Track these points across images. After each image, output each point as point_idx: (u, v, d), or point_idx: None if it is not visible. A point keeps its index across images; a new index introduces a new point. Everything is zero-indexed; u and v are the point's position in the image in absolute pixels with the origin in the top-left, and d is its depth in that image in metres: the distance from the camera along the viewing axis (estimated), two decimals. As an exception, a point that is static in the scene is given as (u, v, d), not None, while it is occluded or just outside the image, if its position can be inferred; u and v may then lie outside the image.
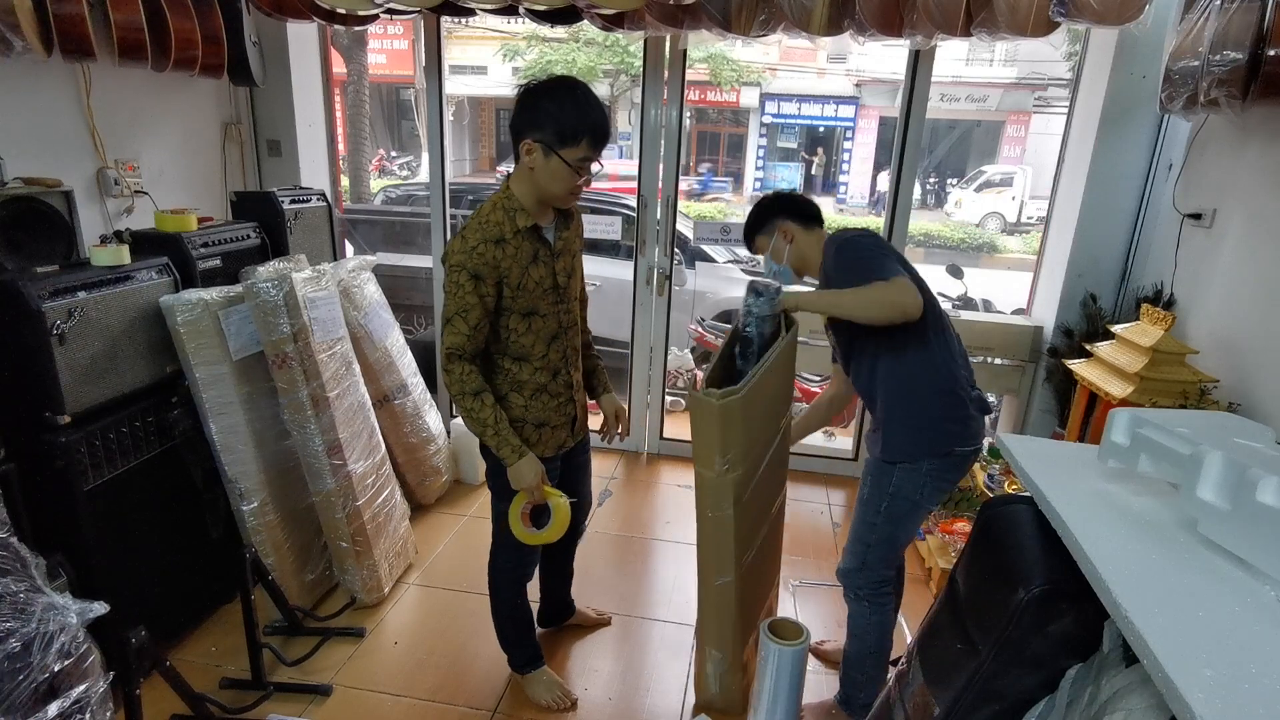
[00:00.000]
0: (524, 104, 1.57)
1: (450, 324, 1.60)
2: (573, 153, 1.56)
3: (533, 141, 1.55)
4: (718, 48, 13.22)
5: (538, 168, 1.58)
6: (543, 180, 1.59)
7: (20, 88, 2.31)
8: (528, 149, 1.56)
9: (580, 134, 1.55)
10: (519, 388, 1.75)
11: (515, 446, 1.68)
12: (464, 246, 1.58)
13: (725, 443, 1.59)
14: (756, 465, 1.76)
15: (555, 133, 1.54)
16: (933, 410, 1.72)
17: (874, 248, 1.71)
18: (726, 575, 1.81)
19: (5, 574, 1.33)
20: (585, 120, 1.55)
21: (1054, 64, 12.87)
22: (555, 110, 1.54)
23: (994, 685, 1.10)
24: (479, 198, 6.28)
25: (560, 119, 1.54)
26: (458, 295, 1.58)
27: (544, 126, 1.54)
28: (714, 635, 1.93)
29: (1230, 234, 2.32)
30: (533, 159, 1.57)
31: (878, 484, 1.80)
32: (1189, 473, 0.99)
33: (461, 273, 1.57)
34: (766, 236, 1.90)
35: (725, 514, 1.68)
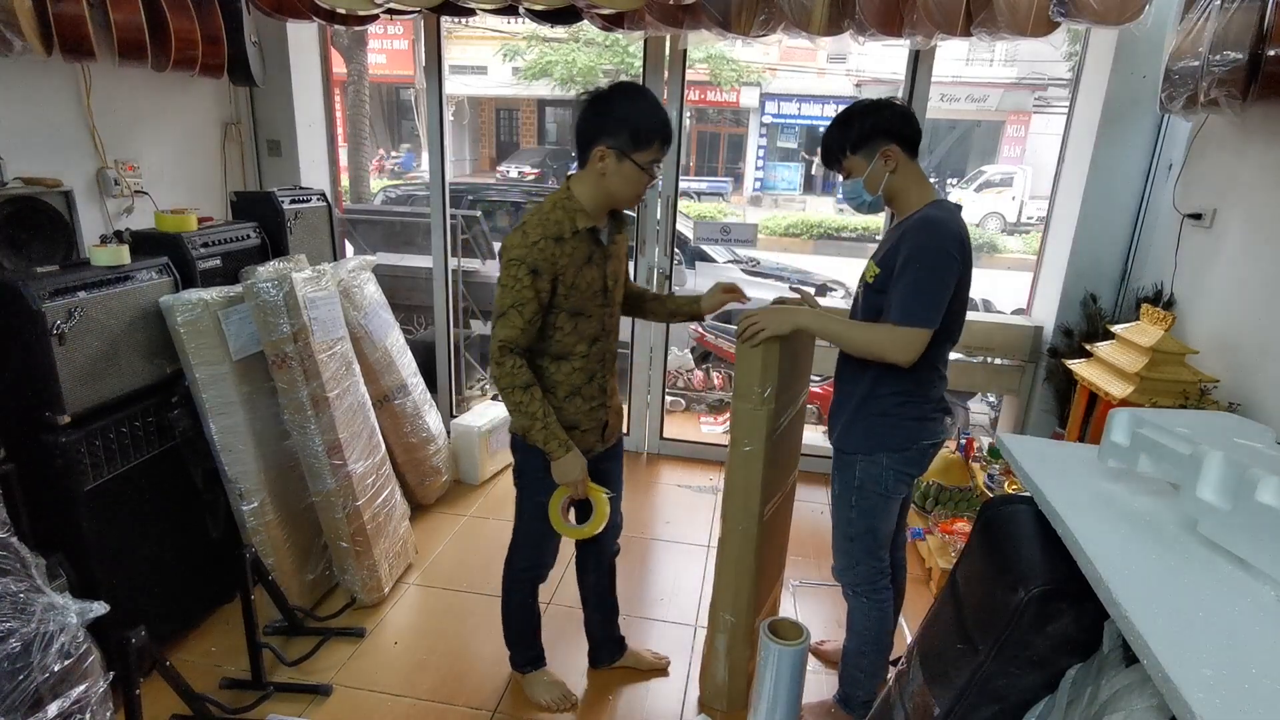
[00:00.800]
0: (594, 111, 1.59)
1: (505, 317, 1.60)
2: (645, 155, 1.59)
3: (606, 148, 1.58)
4: (718, 48, 13.22)
5: (610, 173, 1.60)
6: (614, 184, 1.62)
7: (20, 87, 2.31)
8: (600, 155, 1.58)
9: (653, 137, 1.58)
10: (554, 388, 1.74)
11: (562, 440, 1.68)
12: (525, 241, 1.58)
13: (765, 375, 1.75)
14: (783, 411, 1.91)
15: (629, 137, 1.57)
16: (891, 410, 1.72)
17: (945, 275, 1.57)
18: (750, 522, 1.89)
19: (5, 574, 1.32)
20: (656, 123, 1.58)
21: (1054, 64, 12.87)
22: (627, 115, 1.57)
23: (994, 685, 1.10)
24: (479, 198, 6.30)
25: (633, 123, 1.57)
26: (515, 289, 1.58)
27: (617, 132, 1.57)
28: (729, 595, 1.96)
29: (1230, 234, 2.32)
30: (605, 165, 1.59)
31: (842, 479, 1.82)
32: (1189, 473, 0.99)
33: (521, 266, 1.57)
34: (864, 159, 1.66)
35: (758, 448, 1.82)
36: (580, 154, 1.63)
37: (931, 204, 1.64)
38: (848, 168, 1.69)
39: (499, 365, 1.63)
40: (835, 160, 1.71)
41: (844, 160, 1.68)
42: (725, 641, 2.01)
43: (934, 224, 1.59)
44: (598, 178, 1.61)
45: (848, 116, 1.67)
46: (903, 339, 1.57)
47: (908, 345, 1.56)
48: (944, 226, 1.58)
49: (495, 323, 1.62)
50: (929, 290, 1.56)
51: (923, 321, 1.56)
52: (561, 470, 1.70)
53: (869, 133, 1.64)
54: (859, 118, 1.65)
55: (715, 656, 2.04)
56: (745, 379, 1.79)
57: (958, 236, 1.59)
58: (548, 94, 15.66)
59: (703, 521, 3.05)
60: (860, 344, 1.64)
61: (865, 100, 1.68)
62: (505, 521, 2.99)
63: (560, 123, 18.70)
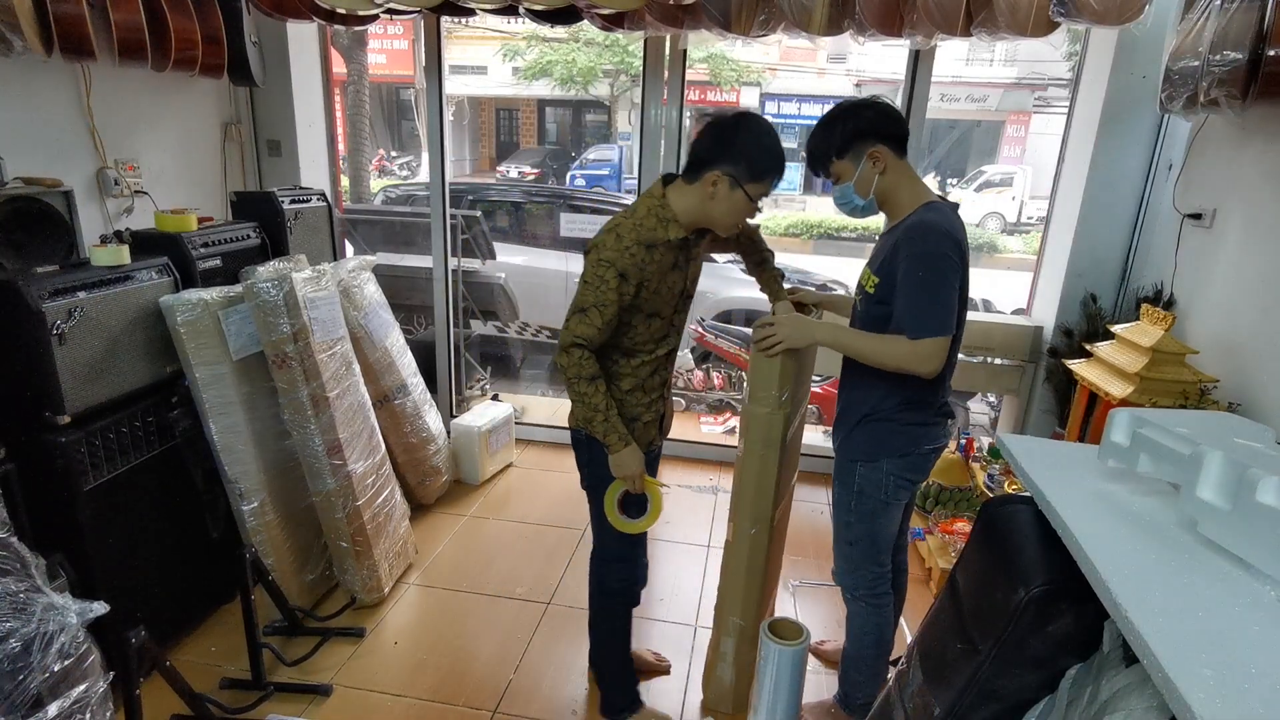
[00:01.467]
0: (718, 137, 1.59)
1: (585, 314, 1.61)
2: (757, 188, 1.60)
3: (721, 174, 1.58)
4: (718, 48, 13.22)
5: (719, 198, 1.60)
6: (719, 210, 1.62)
7: (20, 87, 2.31)
8: (714, 180, 1.58)
9: (770, 173, 1.60)
10: (618, 379, 1.74)
11: (623, 434, 1.68)
12: (618, 245, 1.59)
13: (783, 380, 1.77)
14: (793, 417, 1.91)
15: (748, 169, 1.58)
16: (893, 415, 1.71)
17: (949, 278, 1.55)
18: (761, 524, 1.88)
19: (5, 574, 1.32)
20: (776, 160, 1.60)
21: (1054, 64, 12.86)
22: (751, 148, 1.58)
23: (994, 685, 1.10)
24: (479, 198, 6.29)
25: (755, 156, 1.58)
26: (600, 289, 1.59)
27: (738, 161, 1.57)
28: (738, 599, 1.96)
29: (1230, 234, 2.32)
30: (717, 189, 1.59)
31: (843, 483, 1.80)
32: (1189, 473, 0.99)
33: (610, 269, 1.58)
34: (851, 162, 1.64)
35: (773, 451, 1.82)
36: (690, 170, 1.62)
37: (924, 206, 1.61)
38: (835, 172, 1.66)
39: (567, 355, 1.63)
40: (822, 165, 1.68)
41: (830, 165, 1.66)
42: (733, 645, 2.00)
43: (928, 228, 1.56)
44: (704, 199, 1.61)
45: (830, 119, 1.65)
46: (925, 351, 1.55)
47: (930, 356, 1.55)
48: (937, 230, 1.56)
49: (573, 317, 1.62)
50: (936, 297, 1.55)
51: (938, 330, 1.54)
52: (619, 463, 1.70)
53: (853, 135, 1.61)
54: (841, 120, 1.63)
55: (721, 659, 2.03)
56: (762, 383, 1.79)
57: (953, 238, 1.56)
58: (548, 94, 15.66)
59: (703, 522, 3.05)
60: (882, 358, 1.61)
61: (847, 101, 1.65)
62: (505, 521, 3.02)
63: (560, 123, 18.69)
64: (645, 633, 2.39)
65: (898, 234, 1.61)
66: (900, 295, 1.57)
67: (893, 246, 1.60)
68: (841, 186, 1.68)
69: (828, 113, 1.67)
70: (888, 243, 1.64)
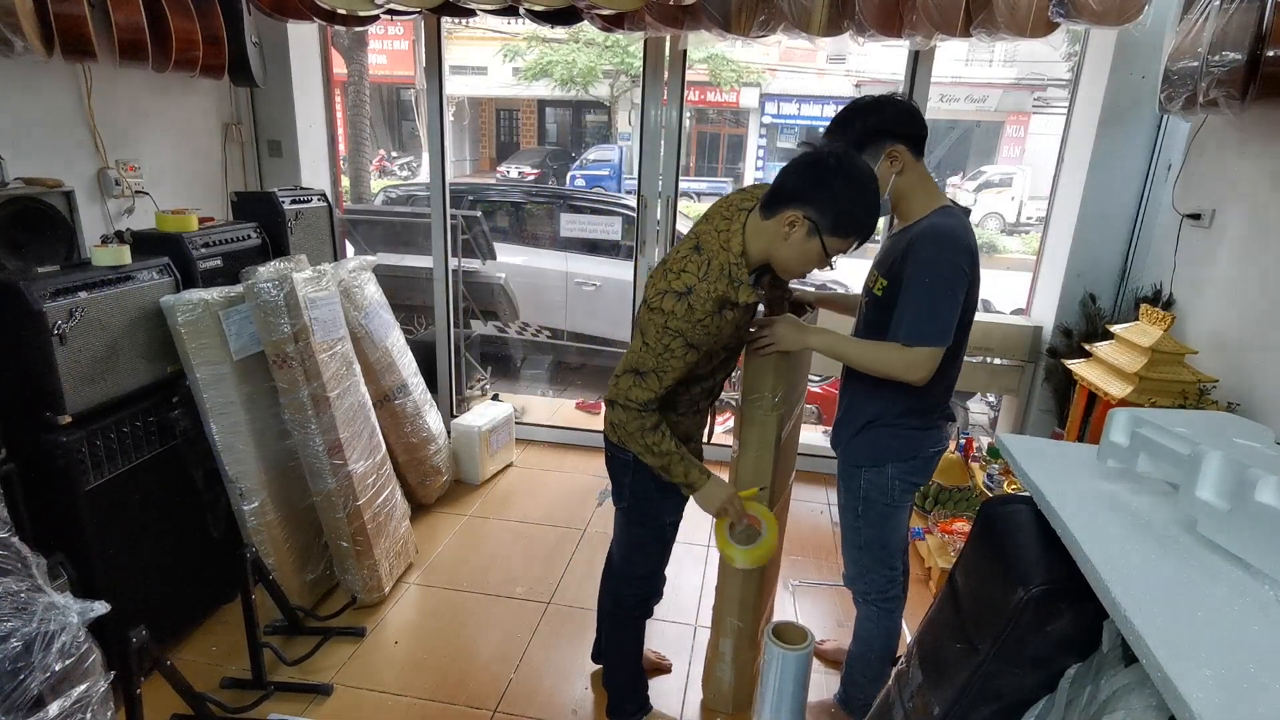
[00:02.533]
0: (811, 173, 1.41)
1: (643, 378, 1.48)
2: (836, 243, 1.43)
3: (803, 216, 1.41)
4: (718, 48, 13.22)
5: (794, 241, 1.43)
6: (790, 255, 1.46)
7: (21, 88, 2.31)
8: (792, 220, 1.41)
9: (854, 232, 1.43)
10: (675, 404, 1.66)
11: (701, 468, 1.59)
12: (690, 317, 1.44)
13: (777, 380, 1.76)
14: (789, 415, 1.90)
15: (835, 219, 1.40)
16: (895, 420, 1.70)
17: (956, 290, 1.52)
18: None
19: (6, 574, 1.33)
20: (868, 216, 1.42)
21: (1053, 64, 12.87)
22: (845, 197, 1.40)
23: (993, 685, 1.10)
24: (479, 198, 6.29)
25: (847, 208, 1.40)
26: (664, 356, 1.46)
27: (824, 208, 1.40)
28: (735, 600, 1.96)
29: (1229, 234, 2.32)
30: (793, 231, 1.42)
31: (848, 489, 1.79)
32: (1188, 473, 0.99)
33: (677, 339, 1.45)
34: (870, 160, 1.54)
35: (768, 452, 1.81)
36: (770, 203, 1.45)
37: (940, 210, 1.58)
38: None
39: (624, 410, 1.51)
40: None
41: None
42: (731, 645, 2.00)
43: (945, 235, 1.52)
44: (776, 238, 1.45)
45: (849, 115, 1.58)
46: (915, 359, 1.52)
47: (921, 364, 1.52)
48: (954, 237, 1.52)
49: (627, 376, 1.50)
50: (940, 307, 1.51)
51: (934, 340, 1.52)
52: (707, 499, 1.61)
53: (872, 132, 1.55)
54: (861, 116, 1.56)
55: (720, 660, 2.04)
56: (756, 384, 1.79)
57: (968, 249, 1.54)
58: (548, 94, 15.66)
59: (703, 521, 3.04)
60: (872, 365, 1.59)
61: (866, 97, 1.59)
62: (505, 521, 3.02)
63: (560, 123, 18.69)
64: (646, 632, 2.39)
65: (910, 237, 1.57)
66: (903, 300, 1.54)
67: (904, 250, 1.56)
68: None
69: (847, 107, 1.60)
70: (898, 245, 1.60)
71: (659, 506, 1.72)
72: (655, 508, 1.72)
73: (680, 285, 1.45)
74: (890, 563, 1.82)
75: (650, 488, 1.68)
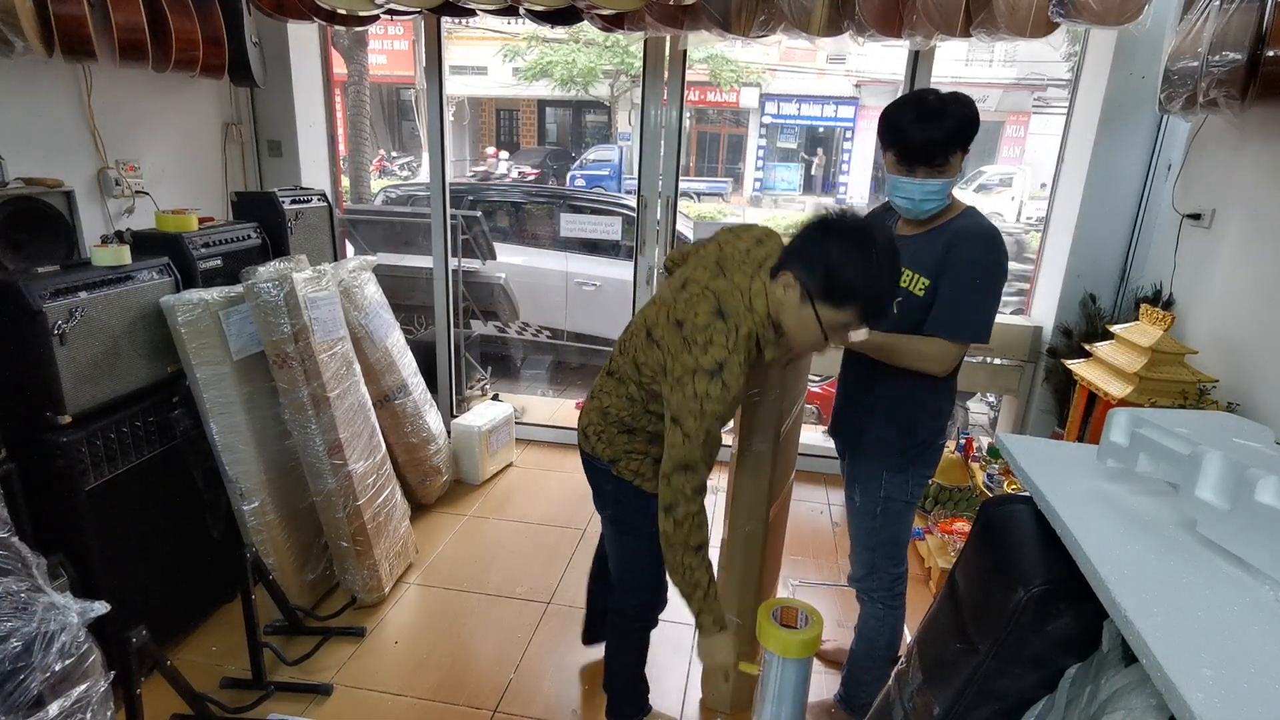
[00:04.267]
0: (807, 231, 1.36)
1: (694, 471, 1.39)
2: (830, 314, 1.32)
3: (793, 277, 1.33)
4: (717, 48, 13.22)
5: (790, 307, 1.35)
6: (791, 322, 1.38)
7: (21, 88, 2.31)
8: (786, 282, 1.34)
9: (849, 300, 1.31)
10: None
11: (719, 617, 1.49)
12: (725, 397, 1.35)
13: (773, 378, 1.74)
14: (788, 413, 1.89)
15: (822, 282, 1.30)
16: (927, 423, 1.72)
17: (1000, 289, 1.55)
18: (757, 524, 1.88)
19: (6, 574, 1.33)
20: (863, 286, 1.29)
21: (1053, 64, 12.87)
22: (835, 258, 1.29)
23: (993, 685, 1.10)
24: (479, 198, 6.29)
25: (833, 270, 1.29)
26: (705, 442, 1.37)
27: (813, 266, 1.31)
28: (734, 598, 1.96)
29: (1229, 234, 2.32)
30: (787, 295, 1.35)
31: (868, 491, 1.79)
32: (1188, 473, 0.99)
33: (716, 422, 1.37)
34: (961, 157, 1.52)
35: (766, 450, 1.81)
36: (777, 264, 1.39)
37: (969, 210, 1.61)
38: (952, 165, 1.52)
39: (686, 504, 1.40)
40: (943, 157, 1.51)
41: (952, 158, 1.51)
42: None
43: (990, 236, 1.54)
44: (777, 300, 1.37)
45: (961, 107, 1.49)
46: (954, 354, 1.56)
47: (955, 358, 1.57)
48: (998, 238, 1.55)
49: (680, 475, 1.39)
50: (988, 305, 1.56)
51: (981, 336, 1.56)
52: (711, 650, 1.53)
53: (974, 129, 1.51)
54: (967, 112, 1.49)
55: None
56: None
57: (1004, 248, 1.57)
58: (548, 94, 15.66)
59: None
60: (911, 359, 1.59)
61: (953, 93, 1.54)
62: (506, 521, 3.02)
63: (560, 123, 18.69)
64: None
65: (950, 236, 1.57)
66: (950, 296, 1.55)
67: (944, 248, 1.56)
68: (943, 181, 1.53)
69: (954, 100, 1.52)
70: (934, 244, 1.58)
71: (643, 515, 1.66)
72: (639, 516, 1.67)
73: (710, 363, 1.34)
74: (899, 559, 1.84)
75: (631, 495, 1.66)
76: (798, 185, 16.78)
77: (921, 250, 1.61)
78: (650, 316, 1.52)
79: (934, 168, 1.52)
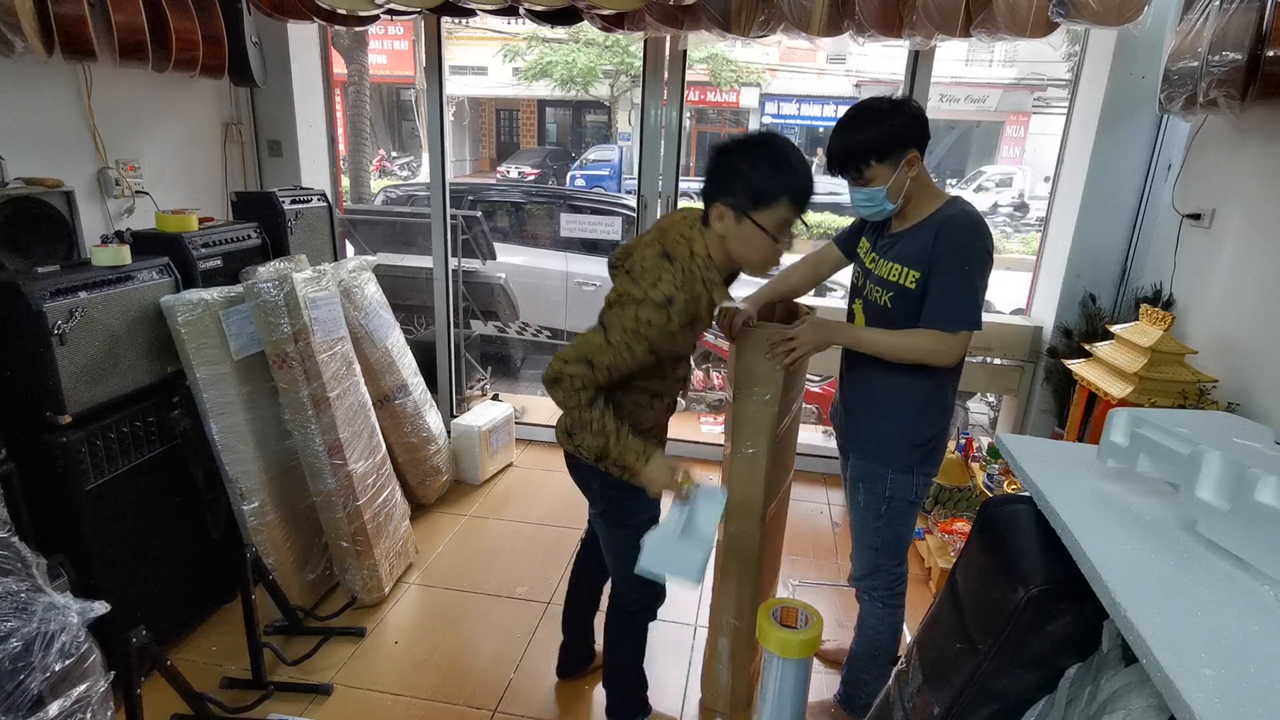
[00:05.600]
0: (715, 164, 1.46)
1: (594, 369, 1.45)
2: (767, 216, 1.42)
3: (723, 206, 1.43)
4: (717, 48, 13.23)
5: (729, 235, 1.45)
6: (737, 249, 1.47)
7: (21, 88, 2.31)
8: (718, 214, 1.44)
9: (777, 194, 1.41)
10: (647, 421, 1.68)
11: (639, 450, 1.53)
12: (666, 327, 1.43)
13: (769, 377, 1.75)
14: (785, 413, 1.88)
15: (747, 193, 1.41)
16: (932, 421, 1.72)
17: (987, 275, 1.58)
18: (753, 524, 1.88)
19: (6, 574, 1.33)
20: (782, 178, 1.40)
21: (1053, 64, 12.87)
22: (746, 168, 1.41)
23: (993, 685, 1.10)
24: (479, 198, 6.29)
25: (753, 177, 1.40)
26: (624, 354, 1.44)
27: (734, 187, 1.42)
28: (731, 597, 1.97)
29: (1229, 234, 2.32)
30: (723, 225, 1.45)
31: (872, 491, 1.78)
32: (1188, 473, 0.99)
33: (643, 344, 1.44)
34: (889, 166, 1.53)
35: (761, 449, 1.81)
36: (705, 214, 1.49)
37: (953, 200, 1.62)
38: (869, 176, 1.56)
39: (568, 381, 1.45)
40: (854, 167, 1.56)
41: (866, 170, 1.55)
42: (728, 644, 2.01)
43: (972, 223, 1.56)
44: (718, 238, 1.47)
45: (869, 119, 1.54)
46: (955, 344, 1.57)
47: (960, 347, 1.58)
48: (980, 226, 1.56)
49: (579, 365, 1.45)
50: (977, 292, 1.56)
51: (972, 324, 1.56)
52: (651, 479, 1.57)
53: (896, 139, 1.53)
54: (883, 120, 1.53)
55: (717, 659, 2.04)
56: (748, 381, 1.80)
57: (990, 234, 1.59)
58: (548, 94, 15.67)
59: (703, 521, 3.05)
60: (909, 354, 1.60)
61: (880, 100, 1.56)
62: (506, 521, 3.02)
63: (560, 123, 18.69)
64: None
65: (935, 227, 1.58)
66: (938, 288, 1.56)
67: (931, 240, 1.57)
68: (871, 190, 1.58)
69: (863, 110, 1.56)
70: (921, 238, 1.60)
71: (632, 506, 1.70)
72: (628, 507, 1.70)
73: (660, 295, 1.42)
74: (901, 558, 1.84)
75: (619, 486, 1.67)
76: (797, 185, 16.77)
77: (910, 243, 1.63)
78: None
79: (857, 178, 1.58)
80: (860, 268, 1.78)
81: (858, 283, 1.78)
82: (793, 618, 1.59)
